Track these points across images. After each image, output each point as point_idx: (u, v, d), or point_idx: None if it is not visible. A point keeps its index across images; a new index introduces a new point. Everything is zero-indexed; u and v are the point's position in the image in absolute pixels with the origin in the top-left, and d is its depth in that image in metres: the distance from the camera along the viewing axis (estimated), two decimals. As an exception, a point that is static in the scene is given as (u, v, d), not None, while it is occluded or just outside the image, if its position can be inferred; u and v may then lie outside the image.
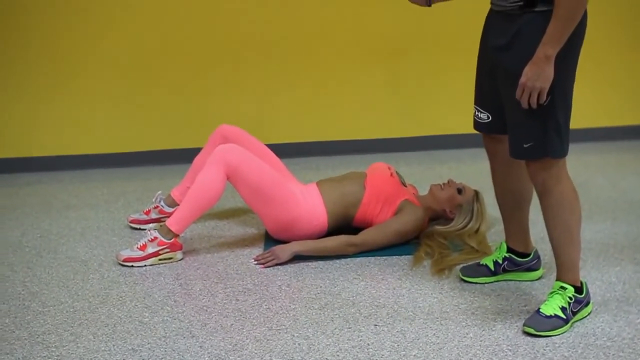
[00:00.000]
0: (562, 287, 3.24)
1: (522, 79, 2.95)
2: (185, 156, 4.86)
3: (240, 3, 5.43)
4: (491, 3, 3.23)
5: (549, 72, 2.92)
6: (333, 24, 5.52)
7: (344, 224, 4.09)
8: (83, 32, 5.37)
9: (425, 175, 5.18)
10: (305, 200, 4.03)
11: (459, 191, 4.12)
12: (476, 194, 4.13)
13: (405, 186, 4.19)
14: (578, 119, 5.59)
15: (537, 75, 2.92)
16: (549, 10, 2.92)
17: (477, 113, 3.40)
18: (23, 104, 5.43)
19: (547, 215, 3.18)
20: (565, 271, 3.25)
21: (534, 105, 2.97)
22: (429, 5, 3.45)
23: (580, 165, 5.26)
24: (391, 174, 4.16)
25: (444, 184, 4.20)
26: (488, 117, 3.35)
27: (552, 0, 2.91)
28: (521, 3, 3.01)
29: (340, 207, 4.06)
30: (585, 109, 5.68)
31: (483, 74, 3.34)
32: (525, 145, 3.09)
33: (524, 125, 3.08)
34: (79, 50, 5.40)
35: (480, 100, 3.38)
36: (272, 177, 3.96)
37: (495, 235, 4.09)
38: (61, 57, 5.39)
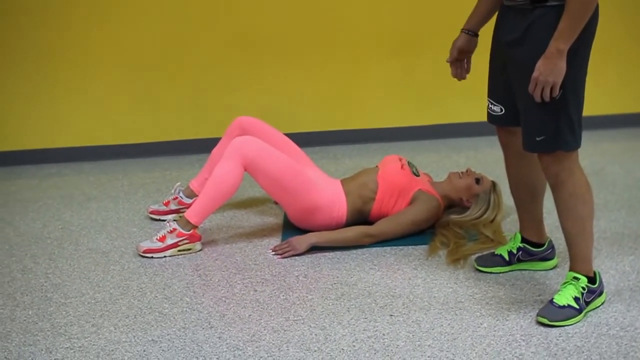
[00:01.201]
0: (575, 278, 3.27)
1: (535, 74, 2.98)
2: (205, 146, 4.91)
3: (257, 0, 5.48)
4: (503, -1, 3.25)
5: (562, 67, 2.94)
6: (351, 18, 5.56)
7: (361, 219, 4.13)
8: (104, 25, 5.42)
9: (442, 163, 5.22)
10: (326, 190, 4.08)
11: (477, 181, 4.16)
12: (493, 184, 4.17)
13: (418, 176, 4.22)
14: (595, 106, 5.63)
15: (549, 70, 2.94)
16: (561, 5, 2.95)
17: (490, 106, 3.43)
18: (44, 96, 5.50)
19: (560, 207, 3.22)
20: (579, 262, 3.28)
21: (547, 99, 3.00)
22: (477, 35, 3.52)
23: (596, 153, 5.28)
24: (402, 166, 4.19)
25: (462, 172, 4.23)
26: (501, 110, 3.38)
27: (564, -5, 2.94)
28: (533, -2, 3.04)
29: (359, 203, 4.11)
30: (602, 96, 5.70)
31: (496, 67, 3.37)
32: (537, 139, 3.12)
33: (537, 118, 3.11)
34: (98, 43, 5.46)
35: (494, 93, 3.42)
36: (289, 167, 4.00)
37: (510, 225, 4.13)
38: (82, 49, 5.45)
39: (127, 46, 5.48)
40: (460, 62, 3.58)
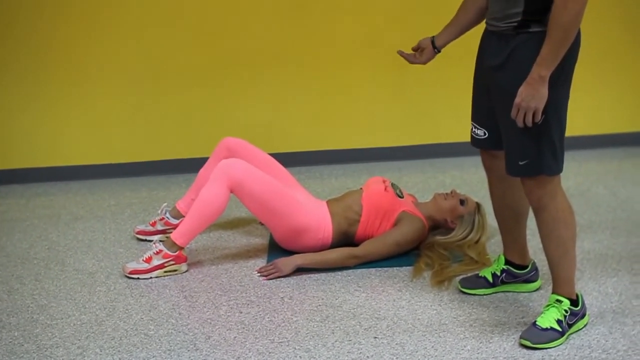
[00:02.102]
0: (558, 300, 3.30)
1: (517, 99, 3.01)
2: (192, 166, 4.93)
3: (251, 15, 5.50)
4: (486, 23, 3.29)
5: (543, 92, 2.98)
6: (341, 36, 5.59)
7: (346, 241, 4.15)
8: (93, 43, 5.44)
9: (428, 184, 5.25)
10: (313, 211, 4.10)
11: (462, 202, 4.18)
12: (478, 206, 4.20)
13: (402, 197, 4.24)
14: (580, 126, 5.68)
15: (531, 96, 2.98)
16: (543, 31, 2.99)
17: (474, 129, 3.47)
18: (32, 114, 5.51)
19: (543, 230, 3.25)
20: (561, 285, 3.31)
21: (529, 125, 3.03)
22: (439, 52, 3.64)
23: (581, 174, 5.32)
24: (385, 188, 4.22)
25: (447, 194, 4.26)
26: (484, 134, 3.41)
27: (546, 22, 2.97)
28: (515, 24, 3.08)
29: (344, 225, 4.13)
30: (587, 116, 5.75)
31: (479, 91, 3.40)
32: (520, 163, 3.16)
33: (519, 143, 3.14)
34: (89, 62, 5.47)
35: (477, 117, 3.45)
36: (275, 189, 4.02)
37: (495, 246, 4.15)
38: (71, 69, 5.47)
39: (116, 67, 5.50)
40: (415, 53, 3.74)
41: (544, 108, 3.01)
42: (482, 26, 3.41)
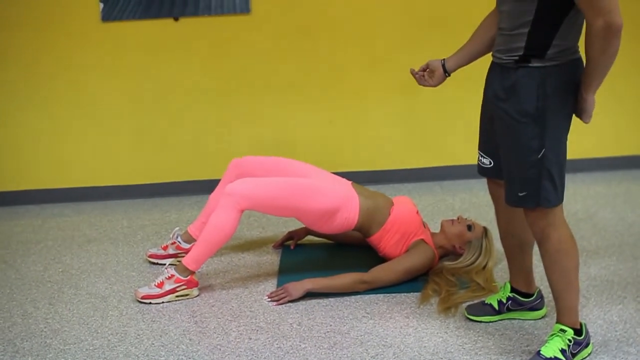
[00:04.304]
0: (561, 330, 3.33)
1: None
2: (204, 188, 5.01)
3: (258, 41, 5.57)
4: (492, 55, 3.35)
5: (591, 102, 3.14)
6: (349, 60, 5.66)
7: (362, 235, 4.28)
8: (106, 67, 5.53)
9: (438, 206, 5.30)
10: (336, 191, 4.15)
11: (469, 228, 4.23)
12: (485, 230, 4.25)
13: (425, 227, 4.31)
14: (588, 149, 5.71)
15: (579, 114, 3.14)
16: (543, 67, 3.07)
17: (480, 158, 3.52)
18: (45, 137, 5.60)
19: (546, 261, 3.29)
20: (565, 314, 3.34)
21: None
22: (449, 76, 3.66)
23: (589, 197, 5.35)
24: (417, 212, 4.30)
25: (453, 220, 4.31)
26: (490, 163, 3.47)
27: (546, 57, 3.06)
28: (517, 57, 3.14)
29: (368, 219, 4.19)
30: (595, 139, 5.78)
31: (485, 121, 3.46)
32: (520, 194, 3.21)
33: (519, 174, 3.20)
34: (101, 85, 5.56)
35: (483, 146, 3.51)
36: (287, 187, 4.06)
37: (502, 272, 4.19)
38: (84, 92, 5.56)
39: (128, 89, 5.58)
40: (424, 74, 3.77)
41: (543, 141, 3.08)
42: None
